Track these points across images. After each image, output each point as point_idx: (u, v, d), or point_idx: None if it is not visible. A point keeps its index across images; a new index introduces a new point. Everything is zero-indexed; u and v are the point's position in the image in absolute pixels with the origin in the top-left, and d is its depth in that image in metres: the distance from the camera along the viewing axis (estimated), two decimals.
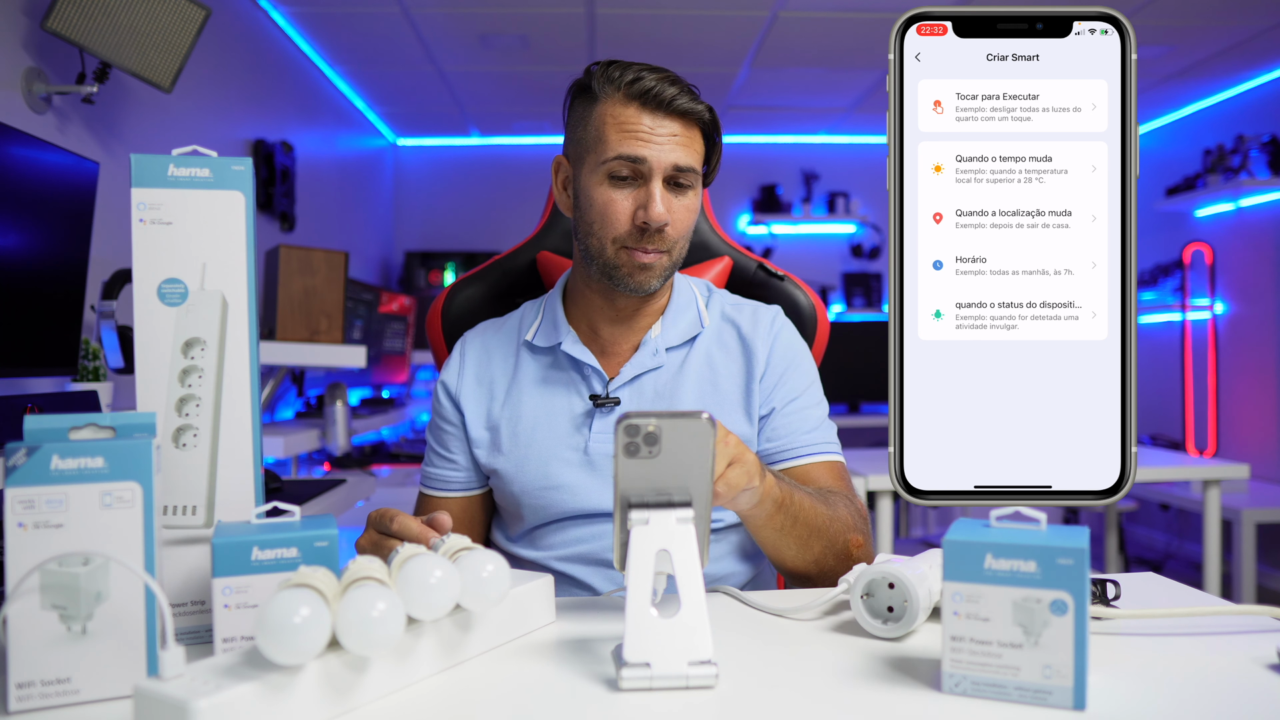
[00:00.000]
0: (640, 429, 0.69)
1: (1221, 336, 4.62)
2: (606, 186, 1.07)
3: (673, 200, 1.07)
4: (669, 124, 1.06)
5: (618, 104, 1.06)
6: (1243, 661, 0.71)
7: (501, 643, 0.78)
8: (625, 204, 1.06)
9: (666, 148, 1.05)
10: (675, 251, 1.10)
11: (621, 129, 1.05)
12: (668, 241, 1.08)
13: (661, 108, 1.05)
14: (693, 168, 1.07)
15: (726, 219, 5.53)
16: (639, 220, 1.05)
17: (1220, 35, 3.74)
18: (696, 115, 1.07)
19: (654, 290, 1.11)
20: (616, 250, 1.08)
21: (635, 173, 1.06)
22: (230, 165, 0.80)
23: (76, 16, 1.98)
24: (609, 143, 1.06)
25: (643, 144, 1.05)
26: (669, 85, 1.05)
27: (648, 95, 1.05)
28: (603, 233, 1.08)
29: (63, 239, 1.77)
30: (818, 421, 1.15)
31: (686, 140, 1.07)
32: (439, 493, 1.19)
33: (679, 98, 1.05)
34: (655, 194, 1.05)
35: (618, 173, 1.06)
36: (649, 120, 1.05)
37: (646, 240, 1.06)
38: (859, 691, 0.67)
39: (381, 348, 3.60)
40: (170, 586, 0.78)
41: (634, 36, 3.78)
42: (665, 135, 1.05)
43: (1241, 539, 3.52)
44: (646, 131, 1.05)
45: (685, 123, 1.07)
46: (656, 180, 1.05)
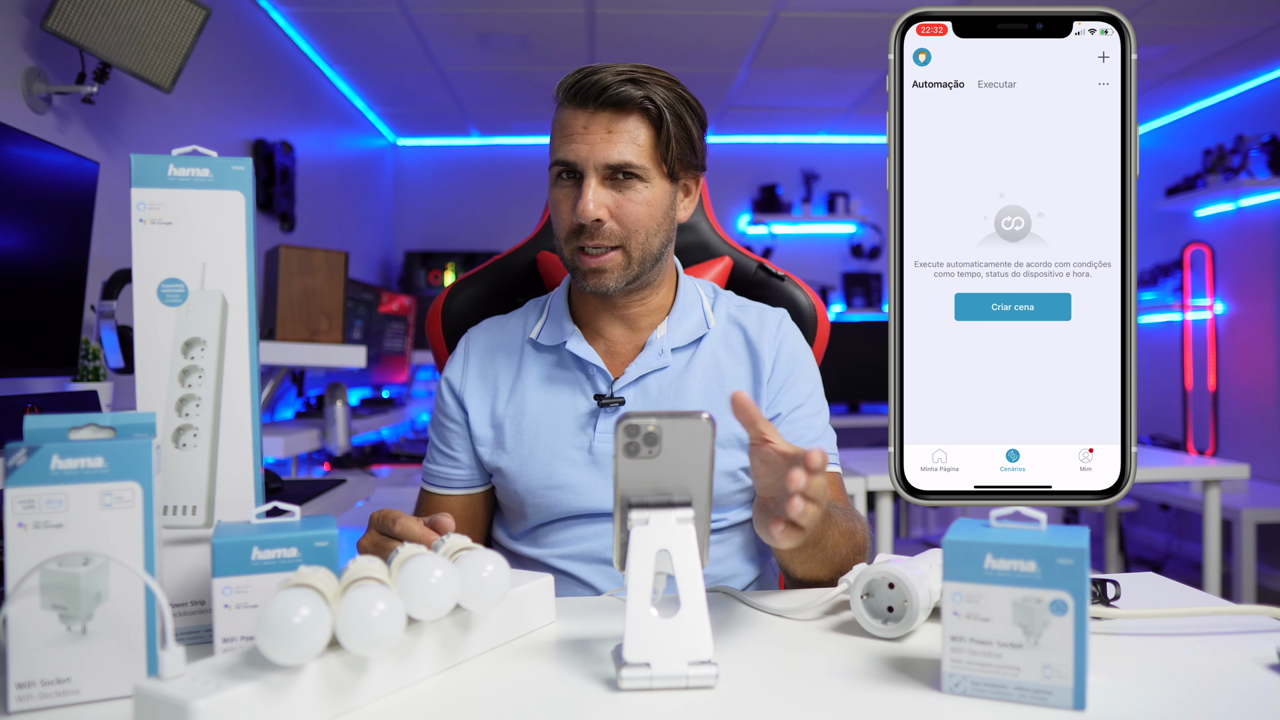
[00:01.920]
0: (640, 429, 0.69)
1: (1221, 336, 4.62)
2: (554, 189, 1.10)
3: (614, 195, 1.07)
4: (602, 117, 1.05)
5: (563, 109, 1.08)
6: (1243, 661, 0.71)
7: (501, 643, 0.78)
8: (565, 204, 1.08)
9: (598, 146, 1.05)
10: (632, 246, 1.08)
11: (560, 133, 1.07)
12: (614, 237, 1.07)
13: (591, 102, 1.05)
14: (629, 162, 1.05)
15: (726, 219, 5.53)
16: (575, 220, 1.07)
17: (1220, 35, 3.74)
18: (635, 103, 1.05)
19: (615, 290, 1.10)
20: (571, 252, 1.10)
21: (572, 171, 1.07)
22: (230, 165, 0.80)
23: (76, 16, 1.98)
24: (552, 148, 1.09)
25: (574, 143, 1.06)
26: (609, 77, 1.04)
27: (580, 91, 1.05)
28: (559, 234, 1.11)
29: (63, 239, 1.77)
30: (820, 431, 1.15)
31: (625, 133, 1.05)
32: (441, 490, 1.19)
33: (612, 88, 1.04)
34: (585, 191, 1.05)
35: (560, 175, 1.09)
36: (583, 119, 1.06)
37: (585, 238, 1.07)
38: (859, 691, 0.67)
39: (381, 348, 3.60)
40: (170, 586, 0.78)
41: (634, 36, 3.78)
42: (599, 131, 1.05)
43: (1241, 539, 3.52)
44: (580, 132, 1.05)
45: (621, 114, 1.05)
46: (590, 178, 1.05)
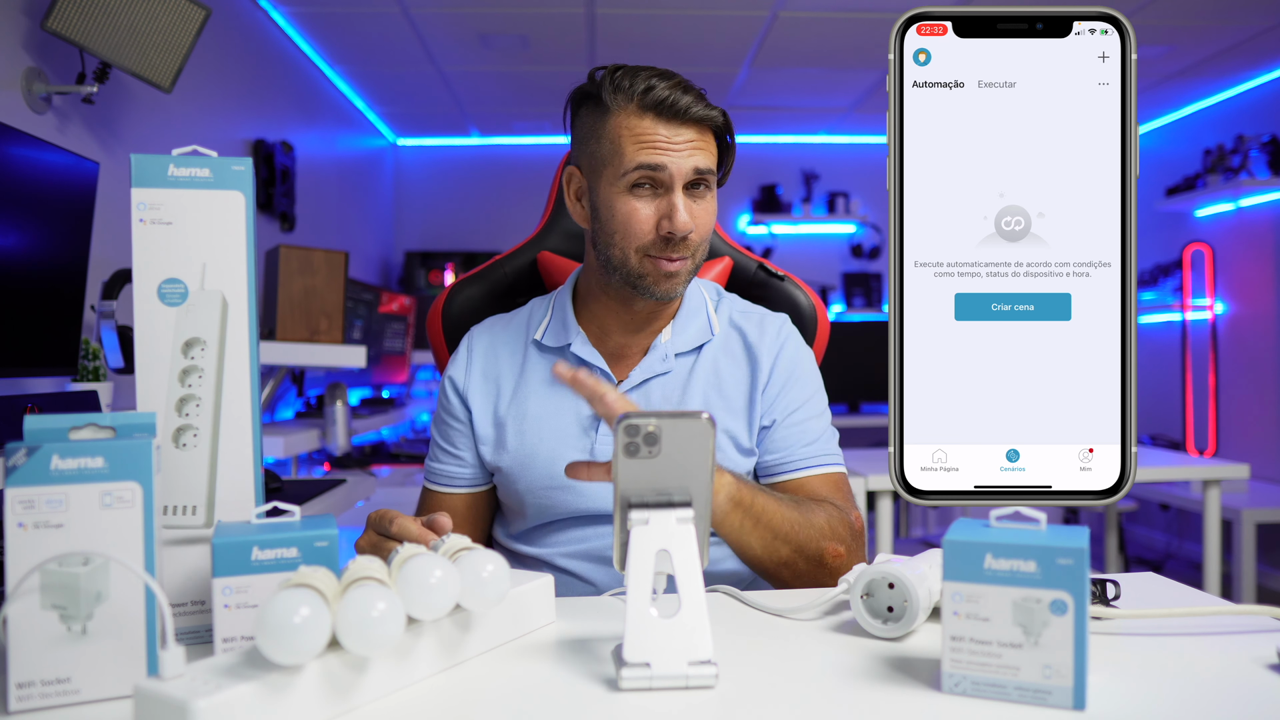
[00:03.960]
0: (640, 429, 0.69)
1: (1221, 336, 4.62)
2: (628, 197, 1.07)
3: (693, 205, 1.08)
4: (685, 131, 1.06)
5: (632, 115, 1.06)
6: (1243, 661, 0.71)
7: (501, 643, 0.78)
8: (648, 213, 1.07)
9: (684, 154, 1.06)
10: (698, 255, 1.11)
11: (638, 140, 1.06)
12: (691, 247, 1.09)
13: (677, 116, 1.06)
14: (711, 169, 1.08)
15: (727, 219, 5.53)
16: (664, 230, 1.06)
17: (1220, 35, 3.74)
18: (710, 121, 1.08)
19: (678, 295, 1.11)
20: (641, 259, 1.08)
21: (655, 181, 1.06)
22: (230, 165, 0.80)
23: (76, 16, 1.98)
24: (627, 154, 1.06)
25: (661, 153, 1.05)
26: (682, 94, 1.06)
27: (662, 105, 1.05)
28: (625, 243, 1.08)
29: (63, 239, 1.77)
30: (817, 434, 1.15)
31: (702, 144, 1.08)
32: (444, 489, 1.19)
33: (694, 105, 1.06)
34: (678, 203, 1.06)
35: (638, 183, 1.07)
36: (665, 130, 1.06)
37: (671, 249, 1.07)
38: (859, 691, 0.67)
39: (381, 348, 3.60)
40: (170, 586, 0.78)
41: (634, 36, 3.78)
42: (682, 143, 1.06)
43: (1241, 539, 3.52)
44: (664, 141, 1.05)
45: (700, 128, 1.07)
46: (678, 188, 1.06)
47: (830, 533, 1.03)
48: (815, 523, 1.03)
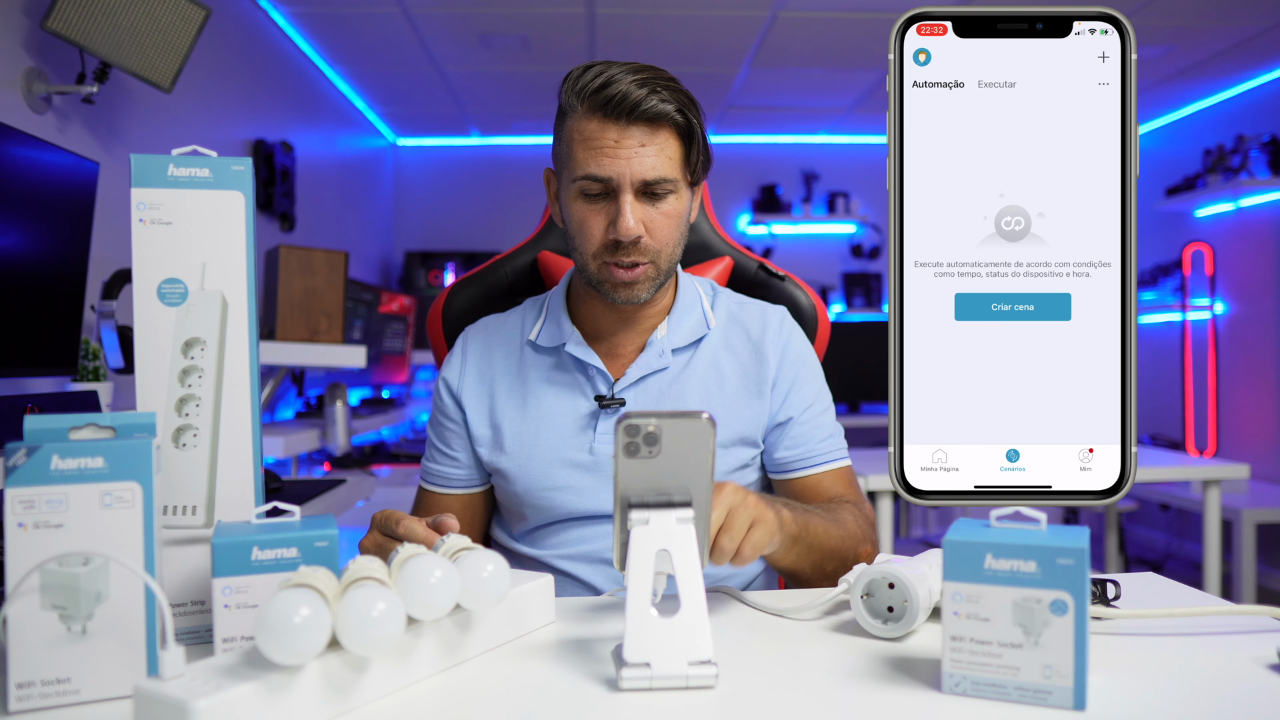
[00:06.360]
0: (640, 429, 0.69)
1: (1221, 336, 4.62)
2: (580, 203, 1.06)
3: (648, 209, 1.05)
4: (635, 132, 1.02)
5: (582, 118, 1.03)
6: (1243, 661, 0.71)
7: (501, 643, 0.78)
8: (597, 220, 1.05)
9: (634, 161, 1.02)
10: (662, 259, 1.07)
11: (587, 145, 1.03)
12: (648, 252, 1.06)
13: (624, 115, 1.01)
14: (664, 177, 1.03)
15: (726, 219, 5.53)
16: (610, 235, 1.04)
17: (1220, 35, 3.74)
18: (667, 117, 1.03)
19: (644, 300, 1.09)
20: (598, 265, 1.07)
21: (605, 188, 1.04)
22: (230, 165, 0.80)
23: (76, 16, 1.98)
24: (577, 160, 1.04)
25: (609, 159, 1.02)
26: (635, 89, 1.01)
27: (609, 105, 1.01)
28: (583, 248, 1.07)
29: (63, 239, 1.77)
30: (830, 429, 1.17)
31: (657, 147, 1.03)
32: (440, 489, 1.19)
33: (644, 102, 1.01)
34: (624, 208, 1.02)
35: (588, 190, 1.04)
36: (614, 132, 1.02)
37: (621, 254, 1.05)
38: (859, 691, 0.67)
39: (381, 348, 3.60)
40: (170, 586, 0.78)
41: (634, 36, 3.78)
42: (633, 146, 1.02)
43: (1241, 539, 3.52)
44: (612, 146, 1.02)
45: (653, 127, 1.03)
46: (626, 194, 1.03)
47: (862, 535, 1.05)
48: (849, 530, 1.04)
